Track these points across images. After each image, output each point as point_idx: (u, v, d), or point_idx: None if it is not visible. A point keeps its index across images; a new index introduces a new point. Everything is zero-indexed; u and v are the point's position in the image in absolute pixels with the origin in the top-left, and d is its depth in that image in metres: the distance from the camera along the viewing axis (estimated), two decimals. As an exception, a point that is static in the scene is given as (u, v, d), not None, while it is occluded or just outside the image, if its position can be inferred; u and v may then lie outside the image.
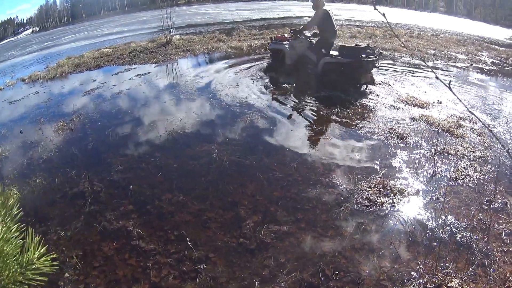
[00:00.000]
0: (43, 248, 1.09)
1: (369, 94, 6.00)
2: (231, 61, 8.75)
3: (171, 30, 11.83)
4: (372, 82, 6.49)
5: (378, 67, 6.68)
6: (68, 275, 2.50)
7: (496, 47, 12.61)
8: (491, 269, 2.40)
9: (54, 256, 1.11)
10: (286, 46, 6.96)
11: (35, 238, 1.09)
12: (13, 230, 1.08)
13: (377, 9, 1.16)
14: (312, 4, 6.68)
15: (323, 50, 6.56)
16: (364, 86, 6.36)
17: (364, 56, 6.03)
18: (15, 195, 1.13)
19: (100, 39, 15.72)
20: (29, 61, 13.34)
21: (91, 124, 5.29)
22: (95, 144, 4.60)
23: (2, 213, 1.07)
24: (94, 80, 7.99)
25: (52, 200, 3.42)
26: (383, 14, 1.17)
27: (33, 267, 1.05)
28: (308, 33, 6.95)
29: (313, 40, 6.85)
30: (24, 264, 1.04)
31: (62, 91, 7.52)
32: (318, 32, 6.78)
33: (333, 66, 6.30)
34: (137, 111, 5.72)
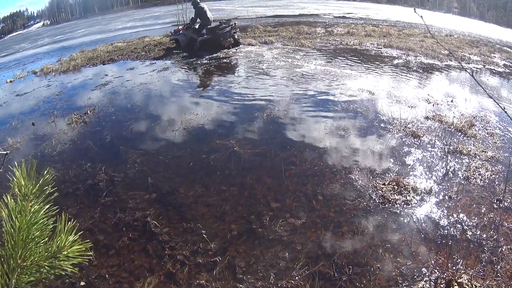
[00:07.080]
0: (76, 236, 1.00)
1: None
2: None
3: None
4: (236, 45, 9.98)
5: (235, 33, 9.89)
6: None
7: (507, 49, 12.55)
8: (499, 266, 2.47)
9: (90, 245, 1.03)
10: (180, 35, 10.12)
11: (68, 224, 1.00)
12: (43, 212, 0.99)
13: (416, 12, 1.28)
14: (192, 5, 9.89)
15: (203, 32, 9.68)
16: (229, 47, 9.72)
17: (219, 31, 9.38)
18: (52, 171, 1.03)
19: (114, 33, 15.81)
20: (41, 54, 13.34)
21: (106, 117, 5.31)
22: (111, 137, 4.64)
23: (34, 191, 0.98)
24: (108, 74, 8.01)
25: (68, 191, 3.45)
26: (421, 17, 1.27)
27: (63, 254, 0.97)
28: (197, 25, 9.92)
29: (197, 27, 9.88)
30: (53, 251, 0.96)
31: (75, 84, 7.51)
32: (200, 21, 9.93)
33: (205, 41, 9.56)
34: (151, 104, 5.76)
